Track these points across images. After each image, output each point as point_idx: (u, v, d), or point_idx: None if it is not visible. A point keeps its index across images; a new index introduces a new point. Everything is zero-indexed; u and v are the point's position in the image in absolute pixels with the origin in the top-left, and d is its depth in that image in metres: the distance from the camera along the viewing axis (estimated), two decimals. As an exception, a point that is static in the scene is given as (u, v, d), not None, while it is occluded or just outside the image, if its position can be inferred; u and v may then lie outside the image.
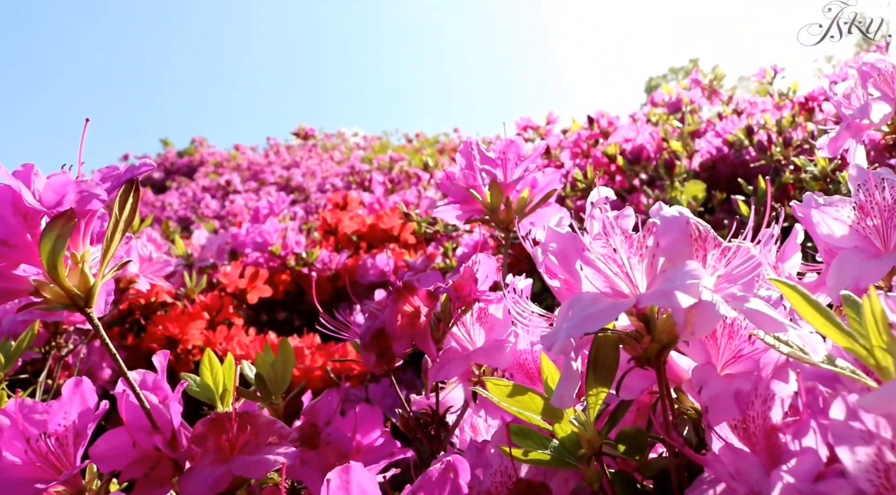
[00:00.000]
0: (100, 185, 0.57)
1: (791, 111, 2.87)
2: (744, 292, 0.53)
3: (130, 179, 0.60)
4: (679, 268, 0.49)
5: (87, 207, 0.57)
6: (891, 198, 0.74)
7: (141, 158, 8.41)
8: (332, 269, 2.33)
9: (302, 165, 7.64)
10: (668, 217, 0.53)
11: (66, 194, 0.55)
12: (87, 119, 0.61)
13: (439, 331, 0.82)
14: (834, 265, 0.76)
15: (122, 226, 0.60)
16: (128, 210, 0.60)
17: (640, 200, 2.44)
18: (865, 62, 1.12)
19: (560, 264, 0.54)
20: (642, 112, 4.37)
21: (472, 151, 1.04)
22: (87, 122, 0.61)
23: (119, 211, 0.59)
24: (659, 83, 29.64)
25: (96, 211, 0.59)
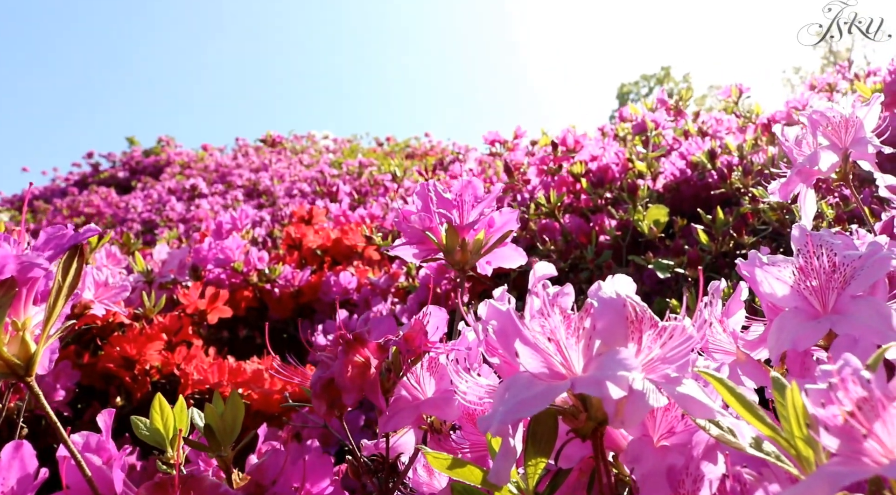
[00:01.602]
0: (41, 254, 0.56)
1: (754, 134, 2.93)
2: (678, 374, 0.54)
3: (75, 245, 0.60)
4: (612, 355, 0.50)
5: (29, 275, 0.57)
6: (828, 262, 0.77)
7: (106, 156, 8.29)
8: (296, 286, 2.33)
9: (270, 169, 7.59)
10: (605, 299, 0.54)
11: (6, 264, 0.55)
12: (30, 183, 0.61)
13: (389, 381, 0.83)
14: (774, 325, 0.78)
15: (66, 291, 0.60)
16: (72, 275, 0.60)
17: (604, 221, 2.47)
18: (815, 110, 1.15)
19: (499, 342, 0.55)
20: (611, 126, 4.43)
21: (428, 193, 1.05)
22: (31, 185, 0.61)
23: (62, 277, 0.59)
24: (631, 90, 29.96)
25: (38, 278, 0.58)
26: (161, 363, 1.71)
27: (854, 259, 0.77)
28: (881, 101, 1.13)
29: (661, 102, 3.14)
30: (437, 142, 10.85)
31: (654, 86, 29.36)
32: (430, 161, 8.95)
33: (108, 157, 9.59)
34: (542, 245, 2.12)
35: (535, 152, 3.61)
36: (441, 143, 10.81)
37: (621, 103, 29.76)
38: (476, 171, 3.46)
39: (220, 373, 1.58)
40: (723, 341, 0.84)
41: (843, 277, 0.76)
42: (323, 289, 2.31)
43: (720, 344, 0.84)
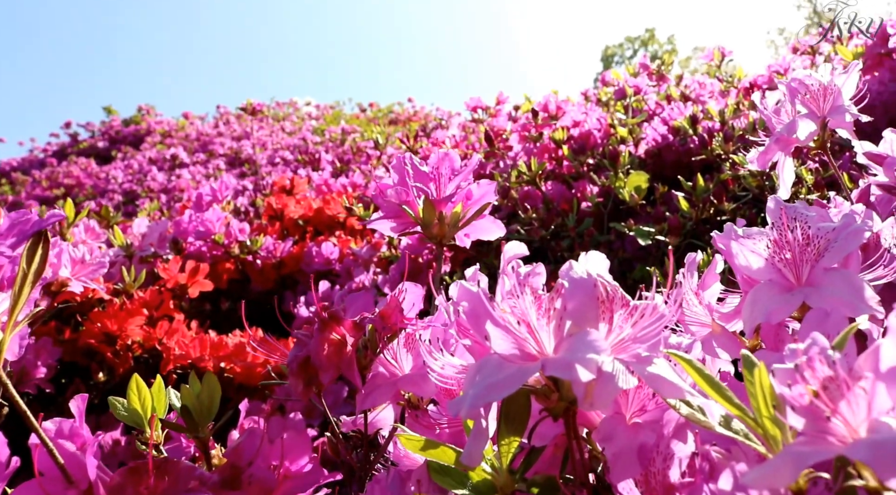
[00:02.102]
0: (4, 242, 0.55)
1: (736, 98, 2.92)
2: (649, 353, 0.54)
3: (39, 231, 0.59)
4: (582, 337, 0.50)
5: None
6: (802, 235, 0.77)
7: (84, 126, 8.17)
8: (277, 257, 2.31)
9: (252, 137, 7.51)
10: (575, 279, 0.54)
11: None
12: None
13: (366, 358, 0.82)
14: (749, 297, 0.78)
15: (32, 279, 0.59)
16: (37, 262, 0.59)
17: (586, 188, 2.47)
18: (794, 78, 1.15)
19: (470, 324, 0.55)
20: (594, 90, 4.39)
21: (405, 167, 1.04)
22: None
23: (27, 264, 0.58)
24: (615, 52, 29.76)
25: (2, 265, 0.58)
26: (143, 338, 1.70)
27: (828, 231, 0.77)
28: (860, 68, 1.12)
29: (644, 67, 3.11)
30: (420, 107, 10.77)
31: (638, 48, 29.20)
32: (414, 127, 8.90)
33: (87, 127, 9.46)
34: (524, 213, 2.12)
35: (518, 118, 3.58)
36: (425, 109, 10.73)
37: (606, 66, 29.61)
38: (459, 138, 3.43)
39: (202, 348, 1.58)
40: (699, 313, 0.84)
41: (816, 250, 0.76)
42: (305, 260, 2.31)
43: (696, 316, 0.84)
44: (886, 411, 0.44)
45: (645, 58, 3.18)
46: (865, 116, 1.13)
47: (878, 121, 2.34)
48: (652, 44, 29.13)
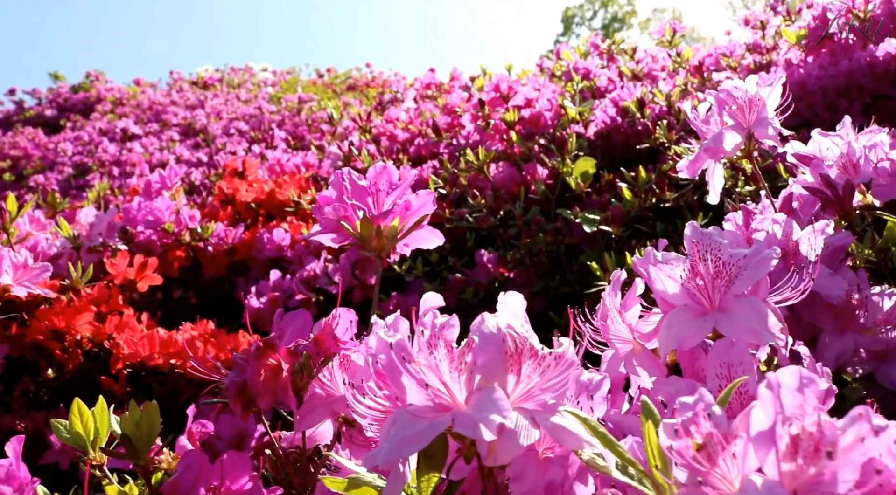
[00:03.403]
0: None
1: (685, 78, 2.96)
2: (555, 401, 0.58)
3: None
4: (487, 394, 0.54)
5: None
6: (715, 261, 0.81)
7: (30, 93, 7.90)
8: (229, 244, 2.32)
9: (206, 106, 7.38)
10: (485, 334, 0.57)
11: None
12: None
13: (302, 381, 0.85)
14: (665, 322, 0.82)
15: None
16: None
17: (536, 170, 2.50)
18: (723, 89, 1.18)
19: (387, 377, 0.58)
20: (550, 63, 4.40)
21: (342, 182, 1.06)
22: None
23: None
24: (575, 13, 29.64)
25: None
26: (92, 333, 1.70)
27: (739, 258, 0.81)
28: (783, 80, 1.17)
29: (594, 46, 3.13)
30: (379, 73, 10.64)
31: (598, 9, 29.12)
32: (372, 93, 8.82)
33: (34, 94, 9.18)
34: (473, 199, 2.14)
35: (473, 95, 3.58)
36: (383, 74, 10.61)
37: (566, 27, 29.50)
38: (413, 115, 3.44)
39: (151, 346, 1.59)
40: (622, 331, 0.88)
41: (728, 276, 0.81)
42: (257, 247, 2.31)
43: (620, 333, 0.89)
44: (755, 469, 0.48)
45: (595, 36, 3.20)
46: (787, 130, 1.17)
47: (817, 106, 2.41)
48: (612, 5, 29.06)
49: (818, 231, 1.14)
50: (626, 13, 28.88)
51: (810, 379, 0.50)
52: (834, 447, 0.48)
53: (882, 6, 2.59)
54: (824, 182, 1.30)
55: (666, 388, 0.75)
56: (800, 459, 0.48)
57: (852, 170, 1.29)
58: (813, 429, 0.49)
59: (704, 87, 2.97)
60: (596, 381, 0.66)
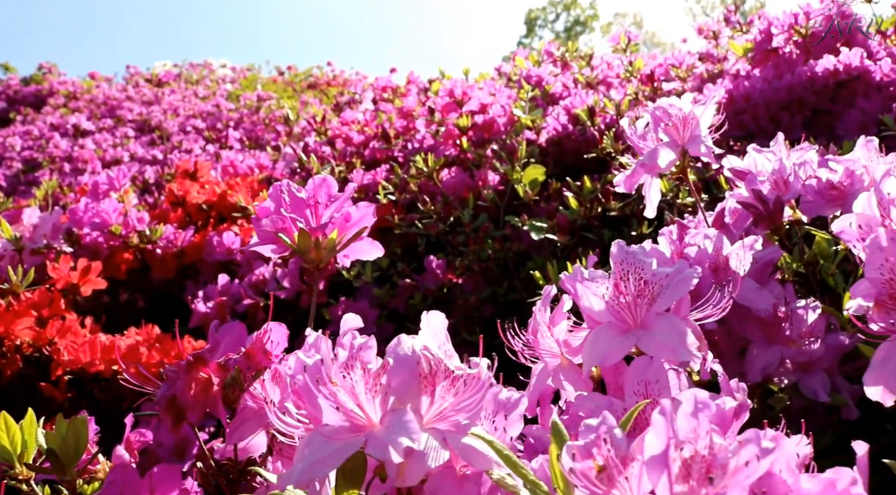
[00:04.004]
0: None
1: (636, 87, 3.01)
2: (468, 421, 0.60)
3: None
4: (399, 417, 0.55)
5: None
6: (639, 280, 0.83)
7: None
8: (178, 247, 2.30)
9: (163, 102, 7.27)
10: (400, 357, 0.58)
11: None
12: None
13: (234, 394, 0.86)
14: (589, 338, 0.85)
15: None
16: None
17: (487, 176, 2.52)
18: (658, 106, 1.21)
19: (304, 397, 0.59)
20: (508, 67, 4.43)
21: (281, 194, 1.06)
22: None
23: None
24: (539, 15, 29.83)
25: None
26: (32, 338, 1.68)
27: (662, 277, 0.84)
28: (716, 99, 1.20)
29: (548, 54, 3.17)
30: (340, 72, 10.59)
31: (560, 12, 29.37)
32: (332, 92, 8.77)
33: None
34: (423, 205, 2.16)
35: (430, 97, 3.59)
36: (344, 73, 10.56)
37: (529, 29, 29.70)
38: (369, 117, 3.44)
39: (93, 352, 1.58)
40: (551, 346, 0.91)
41: (651, 294, 0.83)
42: (206, 250, 2.30)
43: (549, 348, 0.91)
44: (648, 492, 0.51)
45: (550, 44, 3.23)
46: (718, 149, 1.20)
47: (761, 118, 2.47)
48: (574, 8, 29.34)
49: (747, 246, 1.18)
50: (589, 17, 29.20)
51: (705, 404, 0.52)
52: (724, 469, 0.50)
53: (824, 23, 2.67)
54: (756, 197, 1.34)
55: (587, 404, 0.77)
56: (692, 481, 0.51)
57: (783, 186, 1.34)
58: (705, 453, 0.51)
59: (655, 96, 3.03)
60: (514, 400, 0.68)
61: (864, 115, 2.24)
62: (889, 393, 0.67)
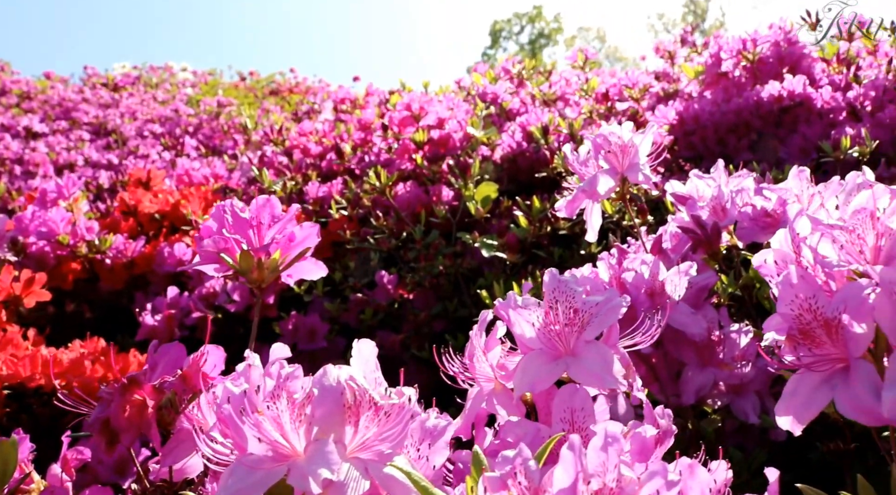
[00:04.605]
0: None
1: (590, 105, 3.06)
2: (391, 450, 0.61)
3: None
4: (320, 447, 0.57)
5: None
6: (570, 308, 0.86)
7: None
8: (129, 257, 2.27)
9: (121, 105, 7.17)
10: (325, 387, 0.60)
11: None
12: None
13: (169, 416, 0.86)
14: (520, 364, 0.87)
15: None
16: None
17: (442, 191, 2.55)
18: (600, 134, 1.25)
19: (229, 426, 0.60)
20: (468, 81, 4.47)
21: (224, 215, 1.07)
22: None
23: None
24: (503, 27, 30.06)
25: None
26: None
27: (591, 306, 0.86)
28: (654, 129, 1.24)
29: (505, 71, 3.21)
30: (303, 79, 10.56)
31: (525, 24, 29.62)
32: (295, 99, 8.72)
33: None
34: (376, 221, 2.17)
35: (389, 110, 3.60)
36: (307, 80, 10.53)
37: (494, 40, 29.89)
38: (328, 127, 3.44)
39: (33, 365, 1.55)
40: (486, 370, 0.92)
41: (581, 322, 0.86)
42: (157, 261, 2.28)
43: (484, 372, 0.93)
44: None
45: (507, 61, 3.27)
46: (655, 177, 1.24)
47: (709, 140, 2.54)
48: (539, 21, 29.62)
49: (682, 272, 1.21)
50: (553, 30, 29.51)
51: (615, 438, 0.55)
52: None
53: (771, 49, 2.75)
54: (695, 222, 1.38)
55: (515, 430, 0.79)
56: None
57: (721, 212, 1.38)
58: (613, 485, 0.54)
59: (610, 115, 3.09)
60: (440, 427, 0.69)
61: (806, 140, 2.31)
62: (797, 423, 0.70)
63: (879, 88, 2.32)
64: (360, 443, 0.61)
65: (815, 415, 0.69)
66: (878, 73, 2.46)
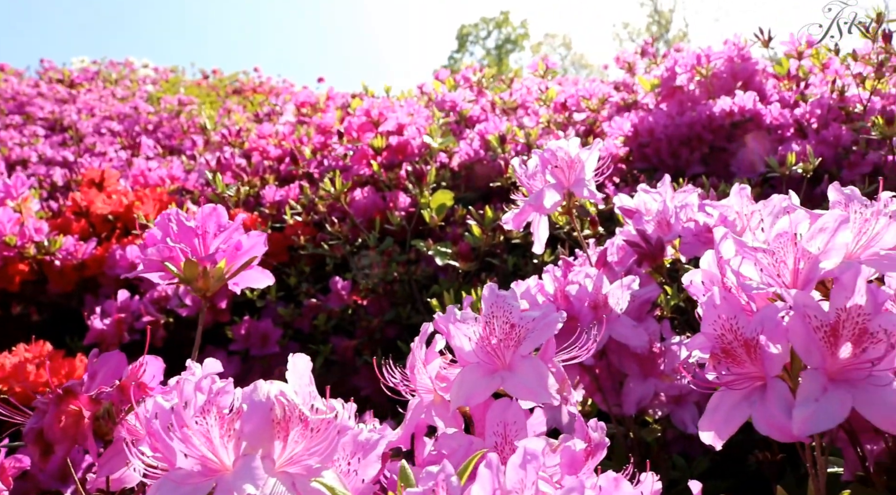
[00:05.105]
0: None
1: (548, 115, 3.10)
2: (320, 464, 0.62)
3: None
4: (247, 463, 0.57)
5: None
6: (507, 323, 0.88)
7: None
8: (79, 259, 2.24)
9: (78, 100, 7.04)
10: (254, 403, 0.60)
11: None
12: None
13: (106, 426, 0.86)
14: (458, 377, 0.88)
15: None
16: None
17: (399, 197, 2.56)
18: (547, 149, 1.27)
19: (159, 441, 0.61)
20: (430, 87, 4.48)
21: (169, 223, 1.07)
22: None
23: None
24: (470, 32, 30.18)
25: None
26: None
27: (528, 321, 0.88)
28: (600, 146, 1.26)
29: (465, 79, 3.24)
30: (266, 78, 10.48)
31: (492, 29, 29.78)
32: (258, 99, 8.65)
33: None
34: (331, 227, 2.17)
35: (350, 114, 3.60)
36: (271, 80, 10.46)
37: (460, 45, 30.00)
38: (289, 130, 3.43)
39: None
40: (426, 382, 0.94)
41: (517, 337, 0.87)
42: (108, 263, 2.25)
43: (424, 384, 0.94)
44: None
45: (467, 70, 3.30)
46: (600, 193, 1.26)
47: (663, 152, 2.59)
48: (506, 26, 29.79)
49: (625, 285, 1.24)
50: (519, 35, 29.70)
51: (533, 456, 0.57)
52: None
53: (725, 64, 2.82)
54: (641, 236, 1.41)
55: (449, 443, 0.81)
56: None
57: (666, 227, 1.41)
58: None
59: (568, 124, 3.13)
60: (372, 441, 0.71)
61: (755, 154, 2.37)
62: (718, 439, 0.73)
63: (825, 107, 2.39)
64: (289, 458, 0.62)
65: (734, 431, 0.72)
66: (823, 92, 2.53)
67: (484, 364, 0.87)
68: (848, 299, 0.68)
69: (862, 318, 0.67)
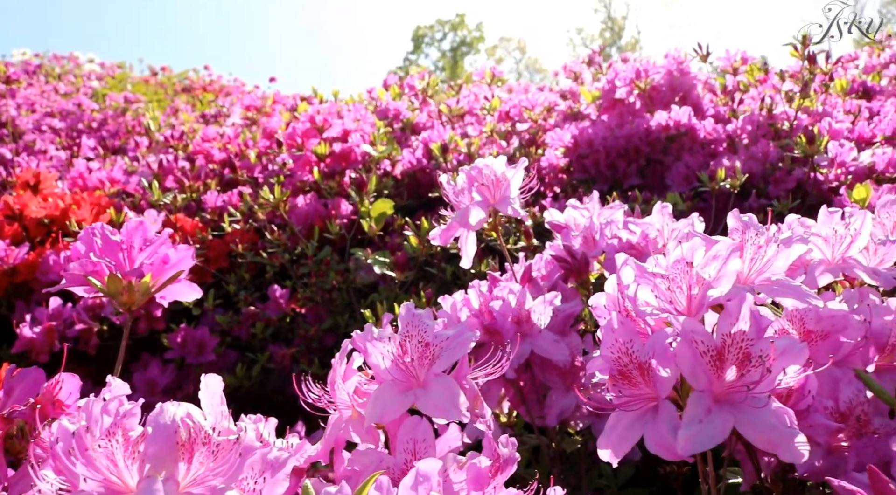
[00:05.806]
0: None
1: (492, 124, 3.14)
2: (224, 485, 0.64)
3: None
4: (149, 485, 0.59)
5: None
6: (421, 341, 0.90)
7: None
8: (10, 264, 2.20)
9: (18, 96, 6.87)
10: (159, 425, 0.62)
11: None
12: None
13: (20, 445, 0.86)
14: (373, 394, 0.91)
15: None
16: None
17: (341, 205, 2.57)
18: (474, 166, 1.30)
19: (63, 464, 0.62)
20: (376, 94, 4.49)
21: (93, 238, 1.07)
22: None
23: None
24: (426, 33, 30.21)
25: None
26: None
27: (442, 340, 0.91)
28: (525, 164, 1.30)
29: (410, 87, 3.26)
30: (217, 76, 10.35)
31: (448, 32, 29.87)
32: (207, 98, 8.54)
33: None
34: (270, 234, 2.18)
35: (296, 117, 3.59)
36: (222, 78, 10.34)
37: (416, 46, 30.02)
38: (234, 133, 3.41)
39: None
40: (344, 398, 0.96)
41: (432, 355, 0.90)
42: (42, 269, 2.21)
43: (343, 399, 0.96)
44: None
45: (411, 78, 3.33)
46: (523, 210, 1.30)
47: (601, 164, 2.65)
48: (461, 29, 29.92)
49: (548, 301, 1.28)
50: (475, 38, 29.86)
51: (426, 477, 0.59)
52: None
53: (664, 77, 2.89)
54: (567, 252, 1.45)
55: (361, 459, 0.83)
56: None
57: (591, 243, 1.45)
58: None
59: (511, 134, 3.17)
60: (281, 460, 0.72)
61: (688, 168, 2.45)
62: (614, 456, 0.76)
63: (755, 123, 2.48)
64: (193, 479, 0.63)
65: (629, 449, 0.76)
66: (754, 109, 2.62)
67: (399, 381, 0.90)
68: (733, 325, 0.72)
69: (745, 343, 0.72)
